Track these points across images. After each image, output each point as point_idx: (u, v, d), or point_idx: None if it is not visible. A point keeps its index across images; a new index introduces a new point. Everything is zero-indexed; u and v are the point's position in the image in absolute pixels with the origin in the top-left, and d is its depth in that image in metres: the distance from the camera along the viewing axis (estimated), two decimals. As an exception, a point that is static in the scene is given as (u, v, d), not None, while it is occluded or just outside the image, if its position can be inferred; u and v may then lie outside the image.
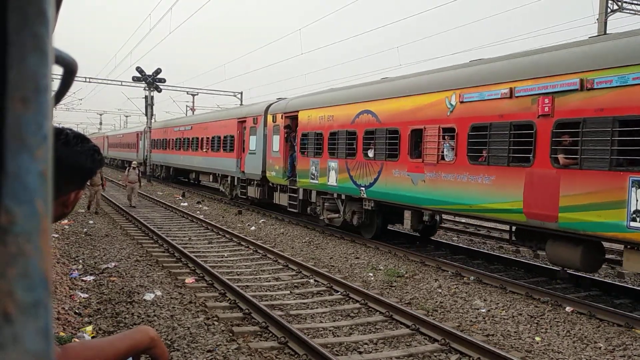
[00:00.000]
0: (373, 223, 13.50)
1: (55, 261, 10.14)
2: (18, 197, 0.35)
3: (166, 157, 33.72)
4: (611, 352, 6.53)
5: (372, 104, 12.96)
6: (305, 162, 15.70)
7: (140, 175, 21.11)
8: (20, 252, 0.35)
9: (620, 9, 20.07)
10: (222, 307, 7.92)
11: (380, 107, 12.63)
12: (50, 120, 0.39)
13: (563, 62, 8.38)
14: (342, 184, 13.92)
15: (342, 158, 13.96)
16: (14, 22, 0.35)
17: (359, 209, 13.54)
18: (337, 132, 14.23)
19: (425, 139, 11.03)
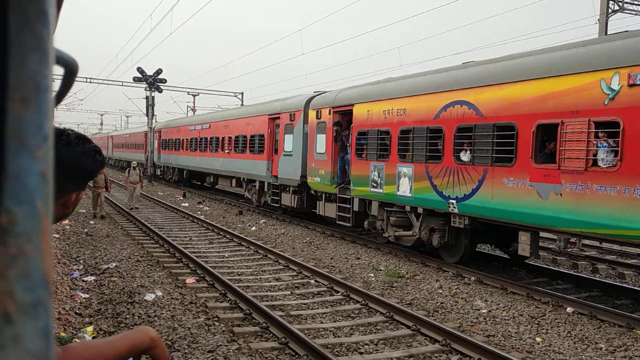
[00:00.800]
0: (460, 244, 10.80)
1: (56, 261, 10.15)
2: (18, 198, 0.35)
3: (179, 158, 30.68)
4: (612, 352, 6.52)
5: (468, 93, 10.00)
6: (364, 167, 12.92)
7: (141, 176, 20.47)
8: (20, 252, 0.35)
9: (621, 10, 20.06)
10: (223, 308, 7.92)
11: (483, 97, 9.68)
12: (51, 121, 0.39)
13: None
14: (419, 194, 11.10)
15: (419, 162, 11.12)
16: (15, 22, 0.35)
17: (440, 226, 10.89)
18: (412, 129, 11.33)
19: (562, 137, 8.25)
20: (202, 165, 26.30)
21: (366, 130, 12.95)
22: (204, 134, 26.25)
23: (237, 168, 21.45)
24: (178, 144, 30.96)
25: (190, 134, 28.47)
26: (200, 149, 26.53)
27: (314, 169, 15.26)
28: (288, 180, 16.79)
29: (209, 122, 25.99)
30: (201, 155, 26.40)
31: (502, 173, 9.21)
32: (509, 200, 9.05)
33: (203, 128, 26.52)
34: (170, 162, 32.52)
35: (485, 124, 9.55)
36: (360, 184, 13.07)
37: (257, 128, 19.57)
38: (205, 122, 26.70)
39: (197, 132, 27.42)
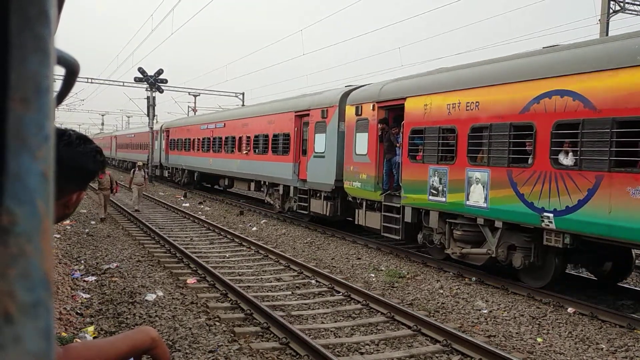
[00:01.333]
0: (548, 265, 9.01)
1: (57, 261, 10.15)
2: (19, 198, 0.35)
3: (189, 159, 28.39)
4: (613, 353, 6.52)
5: (573, 81, 8.09)
6: (419, 171, 10.95)
7: (146, 177, 19.82)
8: (21, 252, 0.35)
9: (622, 10, 20.05)
10: (224, 308, 7.93)
11: (594, 85, 7.80)
12: (52, 121, 0.39)
13: None
14: (498, 205, 9.21)
15: (499, 166, 9.20)
16: (16, 22, 0.35)
17: (524, 243, 9.07)
18: (489, 126, 9.41)
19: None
20: (216, 167, 24.27)
21: (422, 128, 10.94)
22: (218, 133, 24.25)
23: (257, 170, 19.47)
24: (188, 144, 28.85)
25: (203, 134, 26.46)
26: (214, 150, 24.52)
27: (352, 173, 13.40)
28: (319, 185, 14.97)
29: (224, 121, 23.92)
30: (215, 157, 24.41)
31: (625, 180, 7.31)
32: (636, 215, 7.15)
33: (217, 127, 24.45)
34: (180, 163, 30.32)
35: (600, 119, 7.61)
36: (415, 190, 11.06)
37: (282, 126, 17.49)
38: (220, 120, 24.63)
39: (210, 131, 25.38)
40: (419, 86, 11.50)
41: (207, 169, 25.62)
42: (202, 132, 26.65)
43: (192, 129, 28.50)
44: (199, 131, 27.18)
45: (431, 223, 10.84)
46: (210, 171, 25.45)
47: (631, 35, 7.82)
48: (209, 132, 25.42)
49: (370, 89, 13.43)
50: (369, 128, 12.90)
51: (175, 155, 31.37)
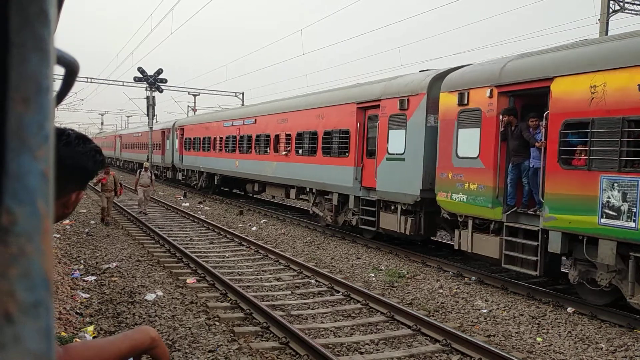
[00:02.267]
0: None
1: (57, 261, 10.15)
2: (19, 198, 0.35)
3: (209, 161, 25.01)
4: (613, 352, 6.52)
5: None
6: (582, 181, 7.86)
7: (153, 179, 18.71)
8: (21, 252, 0.35)
9: (622, 10, 20.05)
10: (223, 308, 7.93)
11: None
12: (52, 121, 0.39)
13: None
14: None
15: None
16: (15, 22, 0.35)
17: None
18: None
19: None
20: (243, 170, 21.05)
21: (588, 121, 7.78)
22: (247, 130, 20.91)
23: (300, 175, 16.18)
24: (207, 143, 25.42)
25: (226, 132, 23.20)
26: (242, 150, 21.27)
27: (451, 182, 10.20)
28: (395, 195, 11.83)
29: (254, 116, 20.54)
30: (242, 158, 21.13)
31: None
32: None
33: (246, 124, 21.14)
34: (197, 164, 26.82)
35: None
36: (572, 209, 7.96)
37: (337, 121, 14.33)
38: (249, 115, 21.15)
39: (236, 129, 22.07)
40: (580, 59, 8.14)
41: (232, 172, 22.39)
42: (225, 130, 23.37)
43: (213, 126, 25.18)
44: (221, 129, 23.90)
45: (599, 256, 7.60)
46: (235, 175, 22.15)
47: None
48: (235, 130, 22.13)
49: (482, 69, 10.04)
50: (481, 121, 9.61)
51: (191, 156, 27.96)
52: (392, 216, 12.16)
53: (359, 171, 13.49)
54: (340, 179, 14.02)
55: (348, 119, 13.89)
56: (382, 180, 12.40)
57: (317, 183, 15.23)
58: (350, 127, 13.79)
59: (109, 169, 15.99)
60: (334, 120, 14.56)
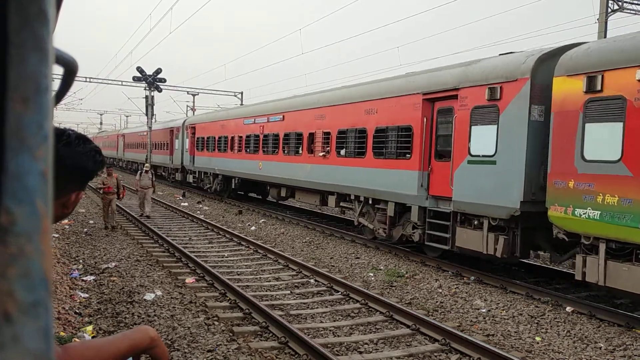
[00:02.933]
0: None
1: (56, 261, 10.14)
2: (18, 197, 0.35)
3: (226, 162, 22.73)
4: (611, 352, 6.53)
5: None
6: None
7: (154, 180, 18.13)
8: (20, 252, 0.35)
9: (620, 9, 20.07)
10: (223, 307, 7.93)
11: None
12: (51, 120, 0.39)
13: None
14: None
15: None
16: (15, 21, 0.35)
17: None
18: None
19: None
20: (268, 174, 18.81)
21: None
22: (273, 129, 18.69)
23: (343, 180, 14.03)
24: (224, 143, 23.16)
25: (246, 130, 20.95)
26: (266, 151, 19.11)
27: (575, 192, 8.11)
28: (481, 207, 9.60)
29: (282, 112, 18.22)
30: (267, 159, 18.88)
31: None
32: None
33: (271, 121, 18.84)
34: (211, 166, 24.48)
35: None
36: None
37: (395, 116, 12.13)
38: (276, 111, 18.76)
39: (259, 127, 19.77)
40: None
41: (255, 176, 20.16)
42: (245, 128, 21.06)
43: (230, 124, 22.82)
44: (240, 127, 21.58)
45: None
46: (258, 178, 19.93)
47: None
48: (257, 128, 19.85)
49: (625, 44, 7.73)
50: (625, 113, 7.50)
51: (204, 157, 25.52)
52: (474, 233, 9.79)
53: (425, 176, 11.22)
54: (399, 186, 11.77)
55: (410, 113, 11.56)
56: (461, 188, 10.05)
57: (366, 190, 13.02)
58: (412, 123, 11.48)
59: (111, 170, 15.34)
60: (390, 115, 12.30)
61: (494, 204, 9.34)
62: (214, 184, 24.59)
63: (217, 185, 24.29)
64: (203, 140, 25.84)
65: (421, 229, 11.19)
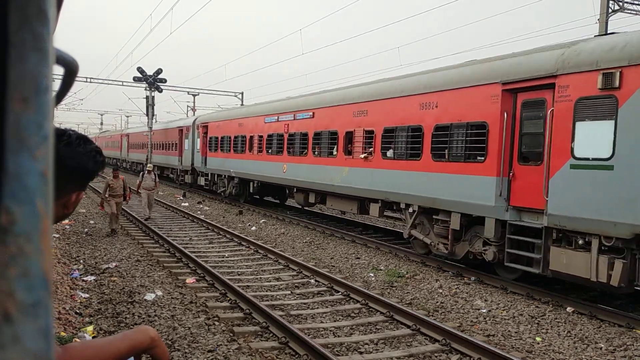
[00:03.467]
0: None
1: (56, 261, 10.15)
2: (18, 198, 0.35)
3: (244, 164, 20.76)
4: (612, 352, 6.53)
5: None
6: None
7: (157, 181, 17.53)
8: (20, 252, 0.35)
9: (621, 9, 20.06)
10: (223, 307, 7.93)
11: None
12: (51, 121, 0.38)
13: None
14: None
15: None
16: (15, 21, 0.35)
17: None
18: None
19: None
20: (295, 177, 16.74)
21: None
22: (300, 127, 16.72)
23: (391, 186, 12.16)
24: (241, 143, 21.25)
25: (268, 129, 18.99)
26: (292, 152, 17.08)
27: None
28: (592, 224, 7.81)
29: (311, 109, 16.19)
30: (294, 161, 16.88)
31: None
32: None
33: (298, 119, 16.88)
34: (225, 168, 22.50)
35: None
36: None
37: (462, 111, 10.23)
38: (304, 108, 16.70)
39: (283, 125, 17.78)
40: None
41: (277, 179, 18.16)
42: (267, 127, 19.06)
43: (249, 122, 20.79)
44: (261, 125, 19.63)
45: None
46: (283, 182, 17.97)
47: None
48: (282, 127, 17.84)
49: None
50: None
51: (217, 159, 23.54)
52: (579, 255, 7.98)
53: (505, 183, 9.37)
54: (469, 194, 9.89)
55: (484, 107, 9.70)
56: (561, 198, 8.24)
57: (423, 198, 11.10)
58: (488, 119, 9.62)
59: (118, 173, 14.67)
60: (455, 109, 10.41)
61: (610, 220, 7.48)
62: (228, 187, 22.61)
63: (232, 189, 22.30)
64: (217, 140, 23.79)
65: (496, 246, 9.42)
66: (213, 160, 24.17)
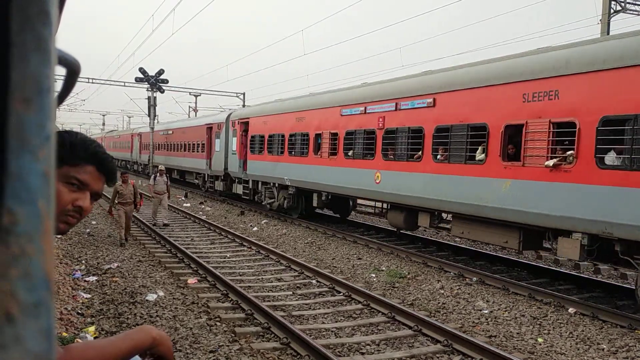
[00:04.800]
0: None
1: (58, 261, 10.16)
2: (20, 198, 0.35)
3: (304, 170, 16.10)
4: (614, 353, 6.51)
5: None
6: None
7: (169, 185, 16.36)
8: (22, 252, 0.35)
9: (623, 10, 20.03)
10: (225, 308, 7.93)
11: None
12: (53, 121, 0.39)
13: None
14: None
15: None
16: (17, 22, 0.35)
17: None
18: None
19: None
20: (398, 190, 12.08)
21: None
22: (405, 120, 12.05)
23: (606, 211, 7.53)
24: (301, 143, 16.41)
25: (347, 124, 14.10)
26: (391, 155, 12.50)
27: None
28: None
29: (432, 94, 11.25)
30: (396, 168, 12.23)
31: None
32: None
33: (403, 108, 12.11)
34: (278, 175, 17.66)
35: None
36: None
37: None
38: (416, 94, 11.73)
39: (373, 118, 13.10)
40: None
41: (366, 191, 13.46)
42: (344, 121, 14.18)
43: (315, 116, 15.72)
44: (334, 120, 14.63)
45: None
46: (375, 196, 13.52)
47: None
48: (373, 120, 13.08)
49: None
50: None
51: (264, 162, 18.91)
52: None
53: None
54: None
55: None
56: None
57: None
58: None
59: (127, 177, 12.94)
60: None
61: None
62: (278, 198, 18.02)
63: (284, 201, 17.71)
64: (262, 140, 19.13)
65: None
66: (256, 164, 19.59)
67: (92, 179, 1.30)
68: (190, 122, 30.92)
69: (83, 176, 1.28)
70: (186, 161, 29.01)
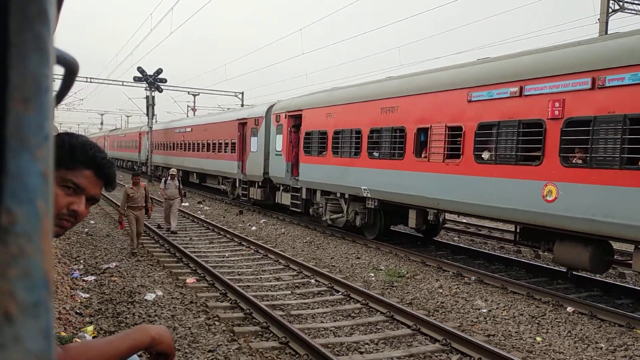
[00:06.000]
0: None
1: (57, 261, 10.15)
2: (19, 197, 0.35)
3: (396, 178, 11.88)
4: (612, 352, 6.52)
5: None
6: None
7: (181, 188, 14.80)
8: (21, 252, 0.35)
9: (621, 9, 20.05)
10: (223, 307, 7.93)
11: None
12: (52, 121, 0.39)
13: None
14: None
15: None
16: (15, 21, 0.35)
17: None
18: None
19: None
20: (598, 216, 7.58)
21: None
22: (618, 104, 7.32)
23: None
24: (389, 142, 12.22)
25: (481, 111, 9.68)
26: (595, 161, 7.63)
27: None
28: None
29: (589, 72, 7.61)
30: (599, 181, 7.53)
31: None
32: None
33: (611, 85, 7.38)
34: (350, 183, 13.62)
35: None
36: None
37: None
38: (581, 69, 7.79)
39: (543, 102, 8.42)
40: None
41: (521, 213, 8.93)
42: (476, 109, 9.80)
43: (413, 105, 11.49)
44: (456, 107, 10.27)
45: None
46: (540, 221, 8.64)
47: None
48: (542, 106, 8.47)
49: None
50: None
51: (326, 167, 14.78)
52: None
53: None
54: None
55: None
56: None
57: None
58: None
59: (138, 179, 11.93)
60: None
61: None
62: (348, 212, 14.07)
63: (355, 217, 13.87)
64: (323, 137, 14.93)
65: None
66: (313, 168, 15.44)
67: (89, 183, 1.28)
68: (214, 117, 26.08)
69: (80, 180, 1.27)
70: (209, 163, 24.50)
